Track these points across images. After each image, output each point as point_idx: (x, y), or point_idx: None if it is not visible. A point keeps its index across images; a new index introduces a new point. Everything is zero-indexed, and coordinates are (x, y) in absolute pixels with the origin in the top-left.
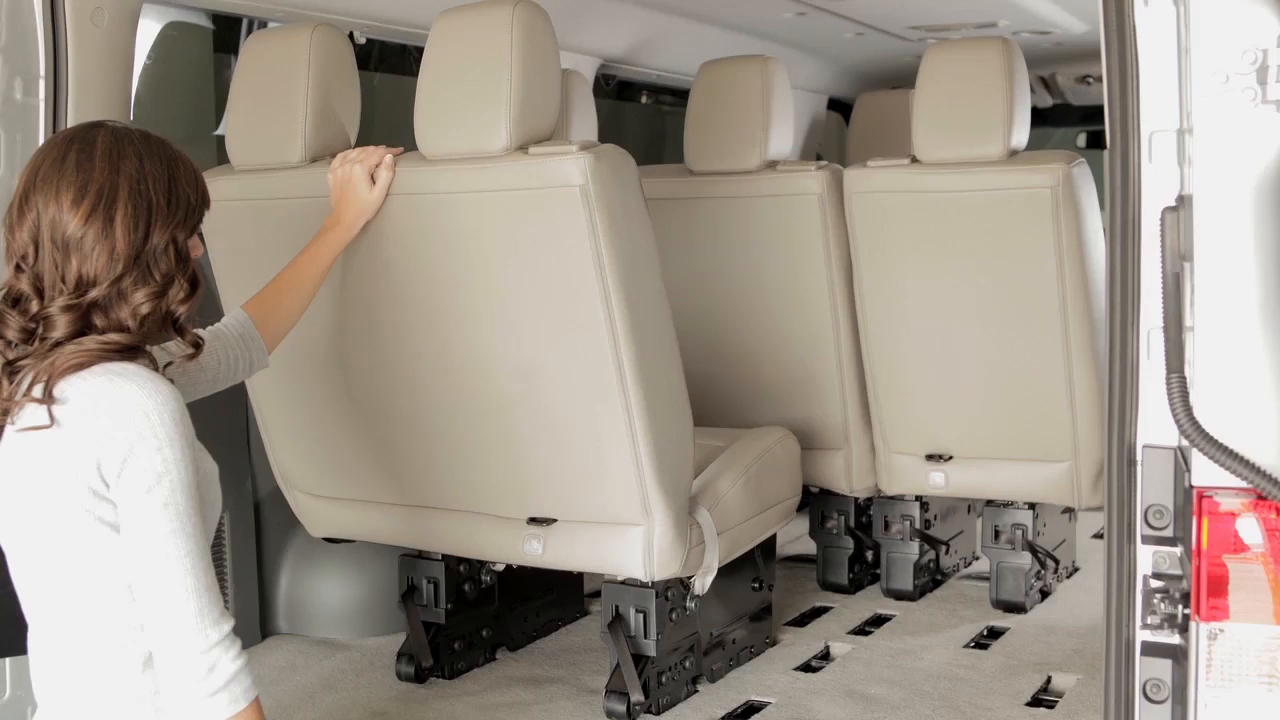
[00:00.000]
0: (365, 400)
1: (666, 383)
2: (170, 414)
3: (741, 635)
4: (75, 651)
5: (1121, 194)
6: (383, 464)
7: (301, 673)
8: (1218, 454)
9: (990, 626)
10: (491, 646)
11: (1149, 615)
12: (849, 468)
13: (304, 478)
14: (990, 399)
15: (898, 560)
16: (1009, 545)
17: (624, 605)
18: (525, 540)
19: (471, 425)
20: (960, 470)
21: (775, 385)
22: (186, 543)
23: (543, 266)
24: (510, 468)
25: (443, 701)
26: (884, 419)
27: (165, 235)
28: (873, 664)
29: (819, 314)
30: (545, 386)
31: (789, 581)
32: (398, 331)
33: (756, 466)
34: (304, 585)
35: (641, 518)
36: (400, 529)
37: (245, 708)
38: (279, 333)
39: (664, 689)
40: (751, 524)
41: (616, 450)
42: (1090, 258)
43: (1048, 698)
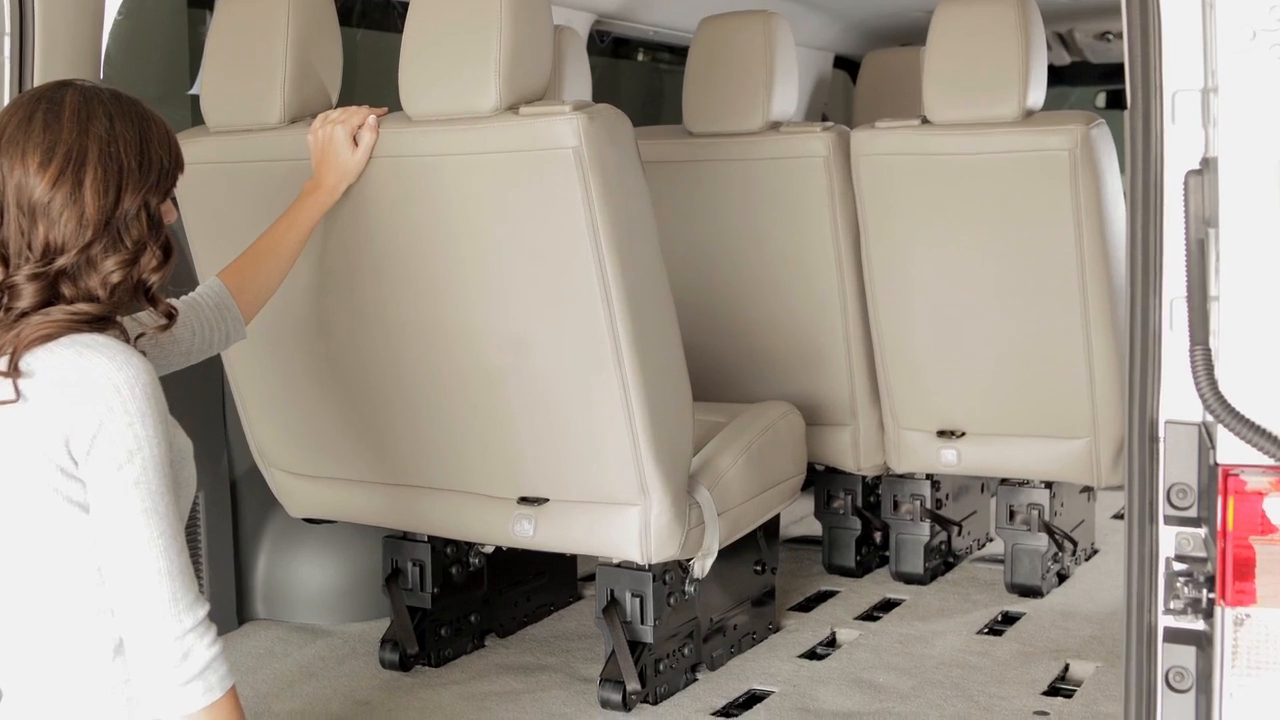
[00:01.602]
0: (347, 374)
1: (664, 355)
2: (142, 388)
3: (743, 621)
4: (42, 637)
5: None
6: (365, 440)
7: (280, 660)
8: (1244, 430)
9: (1005, 612)
10: (480, 633)
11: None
12: (856, 445)
13: (283, 455)
14: (1005, 372)
15: (907, 542)
16: (1024, 526)
17: (619, 589)
18: (515, 521)
19: (459, 400)
20: (973, 447)
21: (778, 358)
22: (159, 523)
23: (533, 233)
24: (500, 444)
25: (429, 690)
26: (893, 393)
27: (137, 200)
28: (881, 651)
29: (824, 283)
30: (536, 359)
31: (793, 564)
32: (381, 301)
33: (759, 443)
34: (283, 568)
35: (638, 497)
36: (384, 509)
37: (221, 697)
38: (257, 302)
39: (661, 677)
40: (753, 504)
41: (611, 426)
42: (1110, 224)
43: (1065, 686)
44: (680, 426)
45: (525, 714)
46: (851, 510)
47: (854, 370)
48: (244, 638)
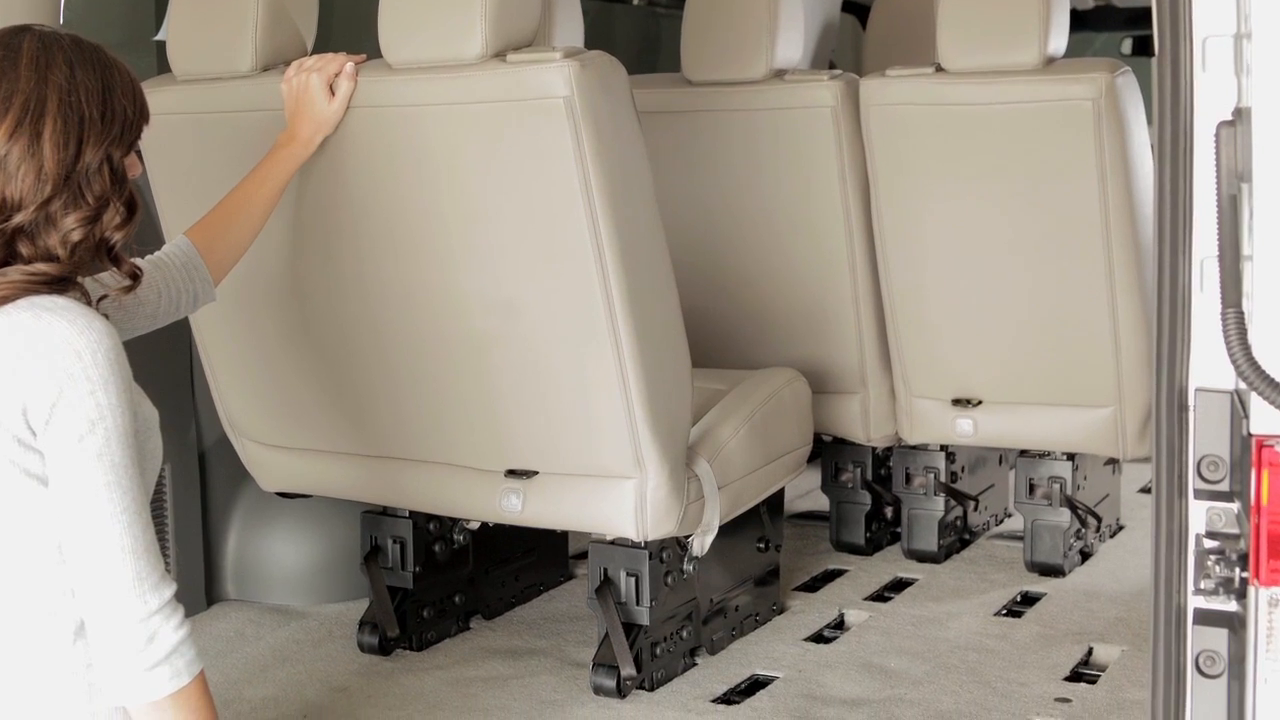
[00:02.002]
0: (323, 338)
1: (661, 319)
2: (105, 353)
3: (745, 602)
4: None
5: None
6: (343, 410)
7: (252, 643)
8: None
9: (1024, 592)
10: (465, 614)
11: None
12: (866, 414)
13: (254, 425)
14: (1024, 337)
15: (920, 518)
16: (1045, 501)
17: (613, 568)
18: (503, 495)
19: (443, 366)
20: (990, 417)
21: (783, 321)
22: (123, 498)
23: (522, 189)
24: (486, 414)
25: (410, 675)
26: (905, 359)
27: (99, 153)
28: (892, 634)
29: (832, 241)
30: (525, 323)
31: (799, 542)
32: (360, 262)
33: (762, 412)
34: (254, 545)
35: (633, 470)
36: (363, 482)
37: (189, 683)
38: (227, 262)
39: (658, 662)
40: (756, 477)
41: (605, 394)
42: (1136, 178)
43: (1089, 671)
44: (678, 394)
45: (513, 700)
46: (861, 484)
47: (863, 334)
48: (213, 620)
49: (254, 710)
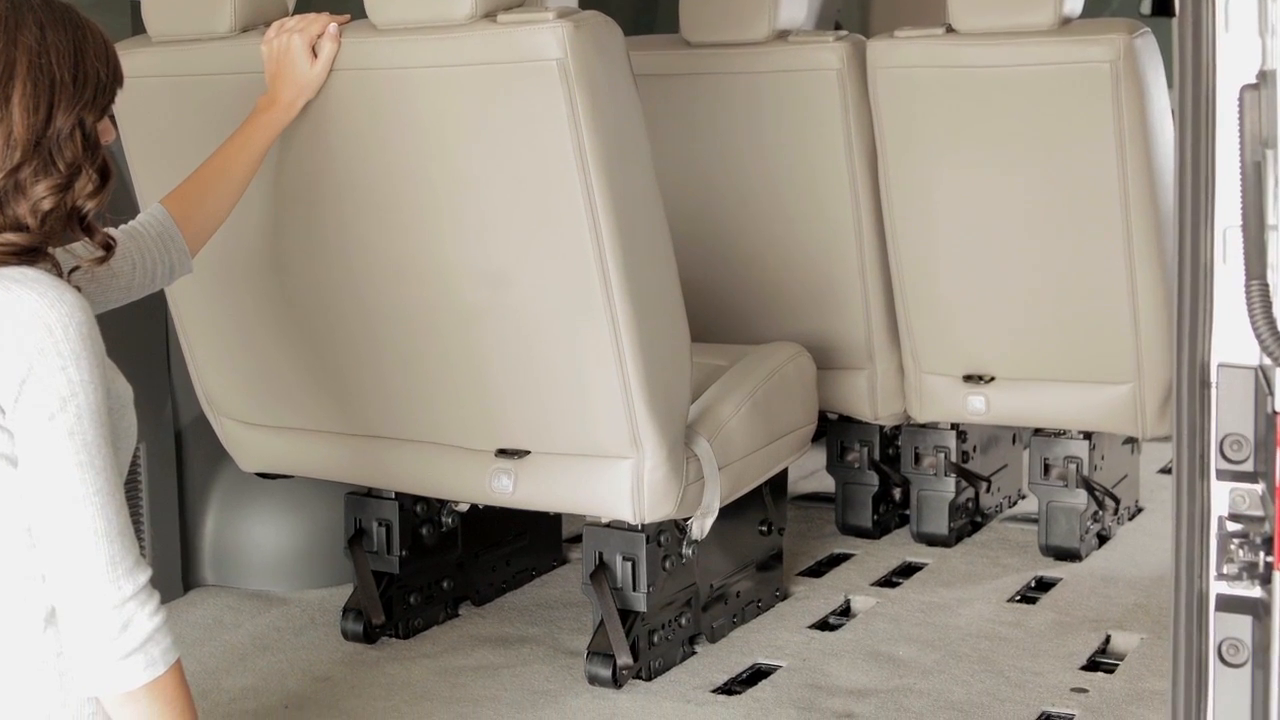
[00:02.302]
0: (305, 312)
1: (659, 291)
2: (77, 327)
3: (747, 588)
4: None
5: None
6: (326, 387)
7: (231, 631)
8: None
9: (1039, 577)
10: (453, 600)
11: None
12: (873, 391)
13: (233, 402)
14: (1039, 310)
15: (930, 499)
16: (1061, 482)
17: (609, 552)
18: (493, 475)
19: (431, 341)
20: (1004, 394)
21: (787, 294)
22: (96, 479)
23: (513, 155)
24: (476, 391)
25: (396, 665)
26: (914, 333)
27: (71, 118)
28: (901, 621)
29: (838, 210)
30: (516, 296)
31: (803, 524)
32: (344, 231)
33: (765, 389)
34: (233, 529)
35: (629, 449)
36: (346, 462)
37: (164, 672)
38: (204, 232)
39: (656, 650)
40: (759, 457)
41: (600, 370)
42: (1156, 144)
43: (1106, 660)
44: (677, 370)
45: (504, 691)
46: (868, 464)
47: (870, 308)
48: (190, 606)
49: (233, 701)
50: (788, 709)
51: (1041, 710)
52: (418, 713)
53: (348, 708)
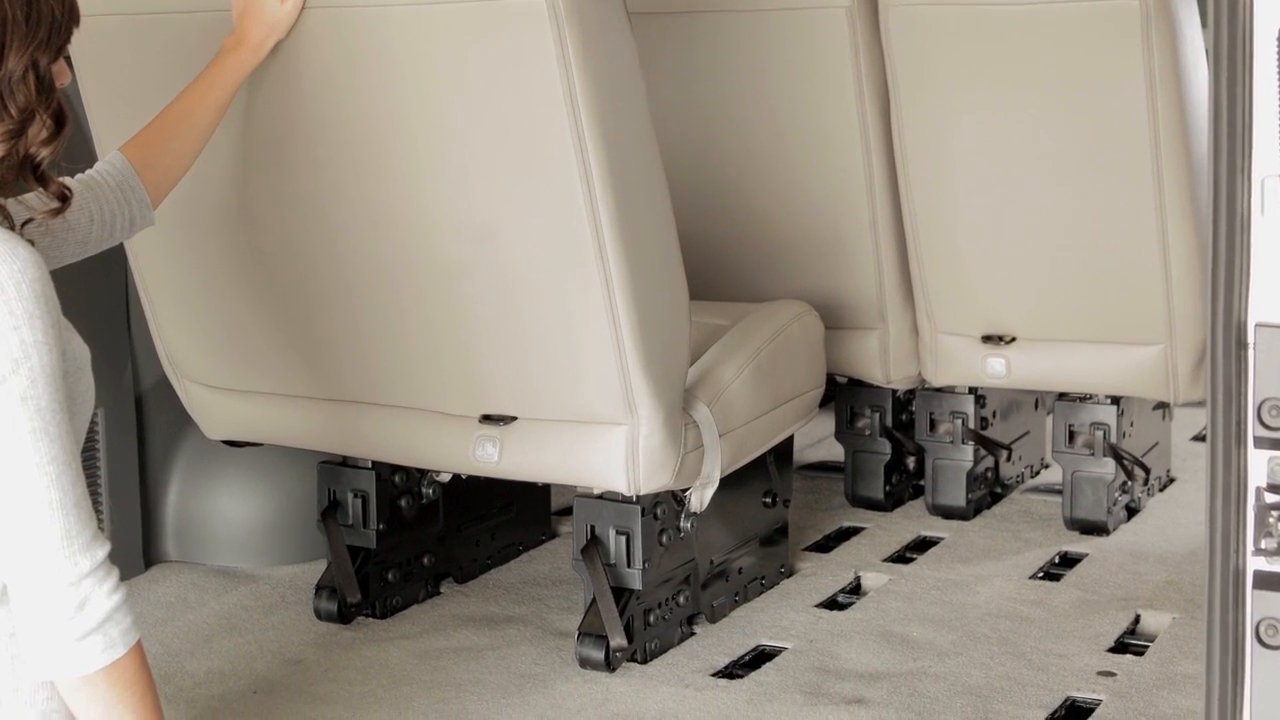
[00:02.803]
0: (276, 267)
1: (655, 245)
2: (30, 284)
3: (750, 564)
4: None
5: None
6: (298, 348)
7: (195, 610)
8: None
9: (1063, 553)
10: (434, 577)
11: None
12: (885, 352)
13: (198, 365)
14: (1063, 266)
15: (946, 469)
16: (1087, 450)
17: (601, 526)
18: (477, 443)
19: (410, 299)
20: (1025, 355)
21: (792, 248)
22: (50, 446)
23: (498, 99)
24: (458, 352)
25: (373, 646)
26: (929, 291)
27: (23, 59)
28: (914, 599)
29: (847, 159)
30: (502, 251)
31: (810, 496)
32: (316, 181)
33: (769, 350)
34: (198, 501)
35: (624, 415)
36: (320, 429)
37: (123, 655)
38: (167, 182)
39: (652, 631)
40: (762, 423)
41: (592, 330)
42: (1189, 88)
43: (1136, 642)
44: (674, 331)
45: (488, 674)
46: (879, 431)
47: (882, 263)
48: (152, 584)
49: (197, 685)
50: (793, 694)
51: (1066, 695)
52: (395, 698)
53: (321, 692)
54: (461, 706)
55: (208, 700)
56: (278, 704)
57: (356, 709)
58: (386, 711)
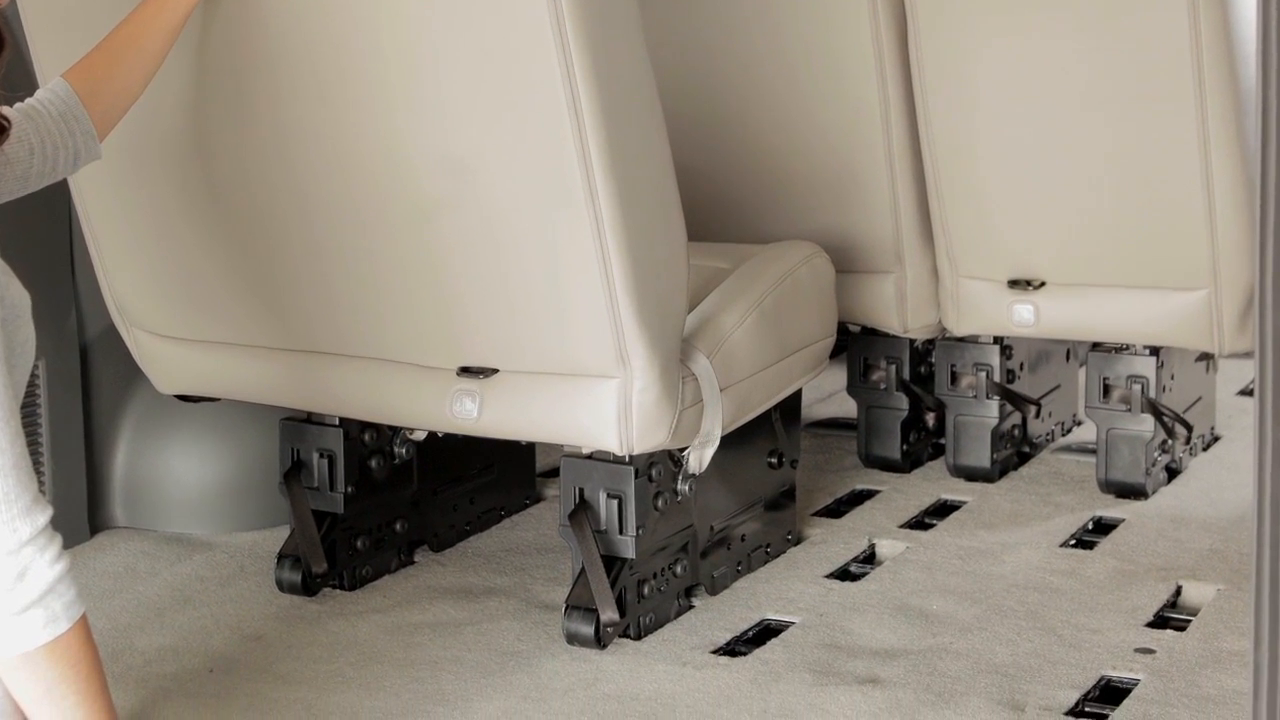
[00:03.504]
0: (234, 206)
1: (650, 181)
2: None
3: (754, 530)
4: None
5: None
6: (258, 293)
7: (145, 581)
8: None
9: (1097, 518)
10: (408, 545)
11: None
12: (902, 298)
13: (149, 312)
14: (1097, 203)
15: (969, 426)
16: (1123, 405)
17: (591, 488)
18: (455, 398)
19: (382, 240)
20: (1056, 302)
21: (801, 185)
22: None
23: (477, 21)
24: (435, 298)
25: (340, 621)
26: (951, 231)
27: None
28: (934, 569)
29: (861, 86)
30: (482, 187)
31: (820, 456)
32: (279, 111)
33: (774, 296)
34: (149, 461)
35: (615, 367)
36: (282, 383)
37: (67, 630)
38: (115, 111)
39: (647, 604)
40: (767, 376)
41: (580, 273)
42: (1235, 7)
43: (1177, 616)
44: (671, 275)
45: (467, 651)
46: (896, 384)
47: (899, 200)
48: (98, 552)
49: (148, 663)
50: (801, 673)
51: (1100, 674)
52: (365, 677)
53: (283, 671)
54: (437, 686)
55: (159, 680)
56: (236, 683)
57: (322, 689)
58: (355, 692)
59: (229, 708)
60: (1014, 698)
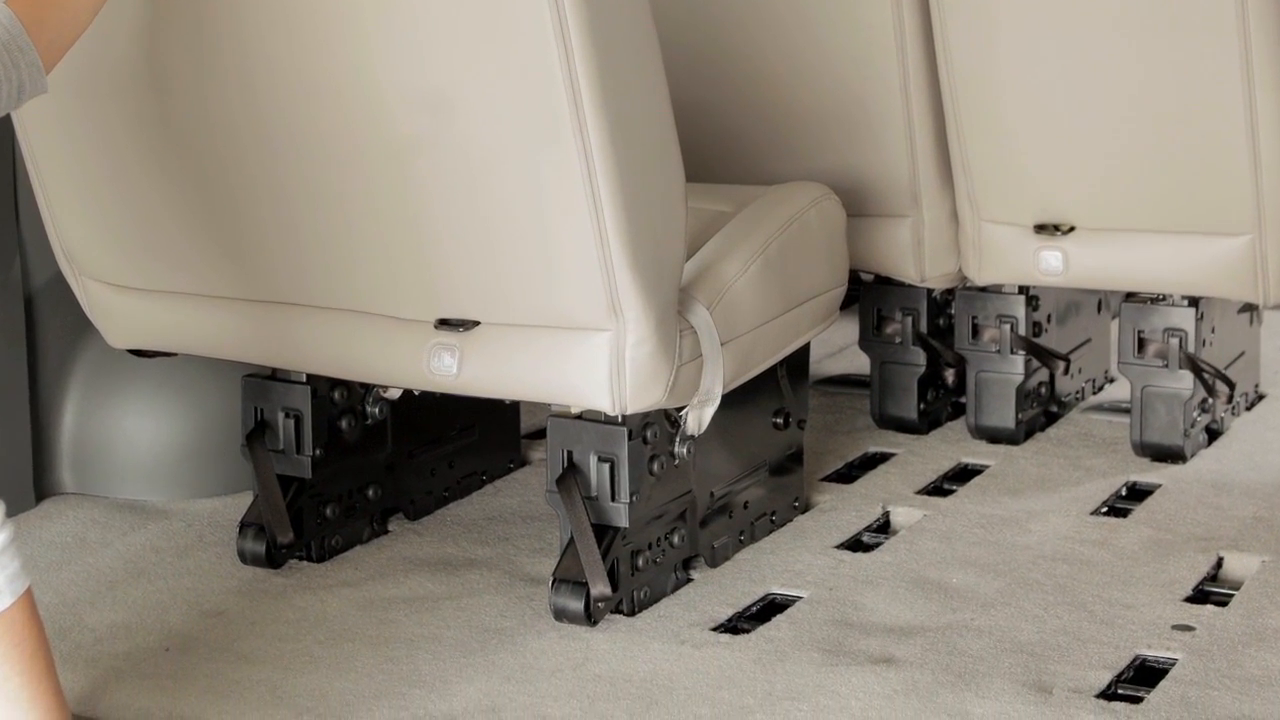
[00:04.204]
0: (193, 144)
1: (645, 116)
2: None
3: (758, 497)
4: None
5: None
6: (219, 239)
7: (96, 552)
8: None
9: (1131, 484)
10: (381, 513)
11: None
12: (919, 245)
13: (101, 260)
14: (1131, 141)
15: (992, 383)
16: (1160, 361)
17: (580, 451)
18: (432, 353)
19: (354, 182)
20: (1087, 248)
21: (809, 120)
22: None
23: None
24: (411, 246)
25: (308, 595)
26: (972, 171)
27: None
28: (954, 539)
29: (874, 12)
30: (462, 123)
31: (829, 416)
32: (242, 41)
33: (780, 242)
34: (99, 421)
35: (607, 320)
36: (245, 336)
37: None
38: (63, 40)
39: (641, 577)
40: (773, 329)
41: (569, 218)
42: None
43: (1218, 590)
44: (667, 218)
45: (445, 629)
46: (912, 338)
47: (916, 137)
48: (44, 520)
49: (99, 642)
50: (809, 651)
51: (1135, 653)
52: (335, 656)
53: (245, 650)
54: (413, 667)
55: (111, 659)
56: (194, 663)
57: (288, 669)
58: (324, 673)
59: (186, 690)
60: (1040, 679)
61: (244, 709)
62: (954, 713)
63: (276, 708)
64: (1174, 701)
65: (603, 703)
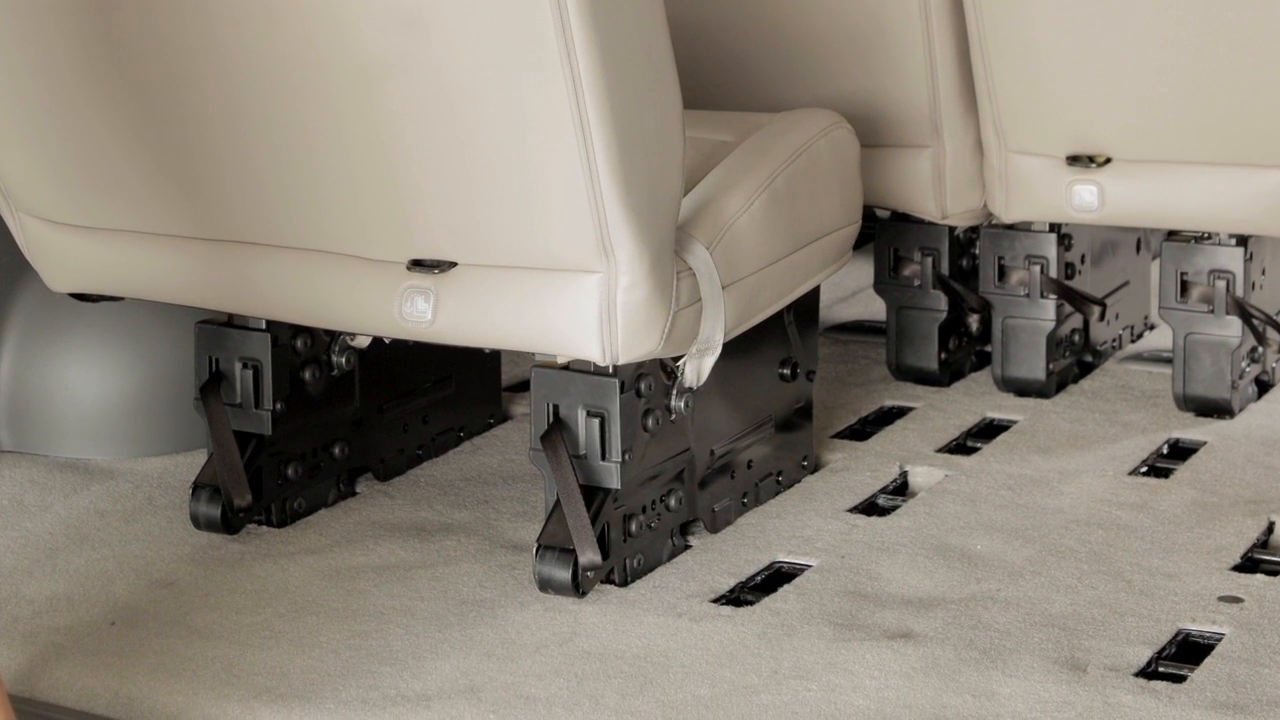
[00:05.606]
0: (141, 69)
1: (638, 38)
2: None
3: (762, 455)
4: None
5: None
6: (170, 172)
7: (35, 516)
8: None
9: (1174, 441)
10: (349, 474)
11: None
12: (940, 178)
13: (40, 195)
14: (1173, 65)
15: (1021, 330)
16: (1205, 306)
17: (568, 405)
18: (405, 297)
19: (318, 110)
20: (1124, 182)
21: (819, 42)
22: None
23: None
24: (380, 179)
25: (267, 564)
26: (998, 97)
27: None
28: (978, 502)
29: None
30: (438, 45)
31: (842, 366)
32: None
33: (787, 175)
34: (38, 372)
35: (596, 260)
36: (198, 278)
37: None
38: None
39: (635, 543)
40: (779, 270)
41: (555, 149)
42: None
43: (1269, 558)
44: (663, 149)
45: (419, 600)
46: (933, 281)
47: (936, 60)
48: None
49: (38, 615)
50: (819, 625)
51: (1178, 627)
52: (297, 630)
53: (199, 624)
54: (384, 642)
55: (50, 633)
56: (143, 638)
57: (245, 645)
58: (285, 648)
59: (134, 667)
60: (1074, 655)
61: (197, 688)
62: (978, 692)
63: (233, 687)
64: (1220, 680)
65: (592, 681)
